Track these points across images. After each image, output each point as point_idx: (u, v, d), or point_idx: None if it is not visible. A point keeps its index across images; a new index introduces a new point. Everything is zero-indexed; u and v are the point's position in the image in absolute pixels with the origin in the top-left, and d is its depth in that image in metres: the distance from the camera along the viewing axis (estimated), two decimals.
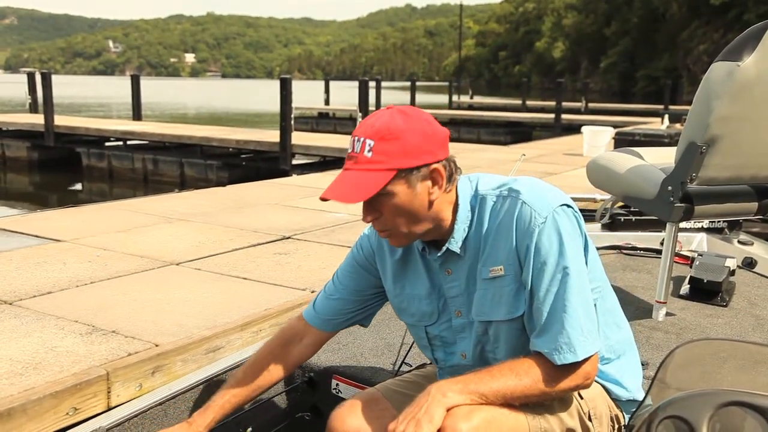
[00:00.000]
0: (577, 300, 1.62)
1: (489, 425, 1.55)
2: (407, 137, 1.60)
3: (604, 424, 1.77)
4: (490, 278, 1.69)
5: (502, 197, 1.69)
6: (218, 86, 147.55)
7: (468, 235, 1.72)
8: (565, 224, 1.63)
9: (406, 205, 1.62)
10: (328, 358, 2.48)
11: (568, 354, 1.59)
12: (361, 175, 1.59)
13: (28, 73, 22.36)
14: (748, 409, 1.32)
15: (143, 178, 16.07)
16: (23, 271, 4.66)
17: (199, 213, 6.83)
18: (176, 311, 3.88)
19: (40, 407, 2.88)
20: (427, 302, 1.82)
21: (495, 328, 1.72)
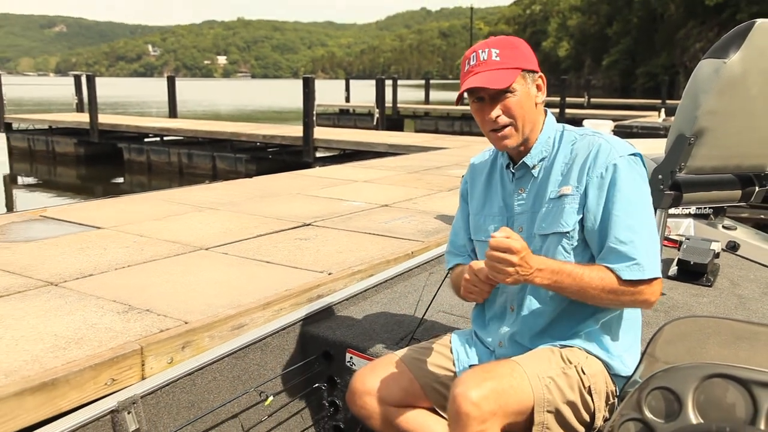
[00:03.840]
0: (646, 229, 1.71)
1: (497, 394, 1.57)
2: (522, 48, 1.80)
3: (602, 399, 1.78)
4: (558, 197, 1.79)
5: (584, 135, 1.84)
6: (248, 86, 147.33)
7: (545, 159, 1.84)
8: (638, 168, 1.76)
9: (524, 101, 1.77)
10: (343, 333, 2.49)
11: (636, 271, 1.68)
12: (496, 72, 1.73)
13: (75, 76, 22.46)
14: (730, 380, 1.32)
15: (178, 171, 16.13)
16: (68, 255, 4.70)
17: (228, 202, 6.84)
18: (204, 292, 3.90)
19: (82, 378, 2.91)
20: (498, 218, 1.92)
21: (548, 242, 1.80)
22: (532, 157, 1.84)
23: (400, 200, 6.98)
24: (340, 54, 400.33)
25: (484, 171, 2.00)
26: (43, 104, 40.00)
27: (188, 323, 3.41)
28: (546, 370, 1.70)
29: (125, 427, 1.93)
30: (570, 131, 1.86)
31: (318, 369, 2.47)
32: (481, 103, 1.77)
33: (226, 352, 2.29)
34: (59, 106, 31.04)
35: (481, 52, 1.76)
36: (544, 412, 1.66)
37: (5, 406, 2.69)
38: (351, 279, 4.19)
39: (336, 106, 32.39)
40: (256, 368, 2.37)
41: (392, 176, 8.89)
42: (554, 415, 1.68)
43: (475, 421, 1.54)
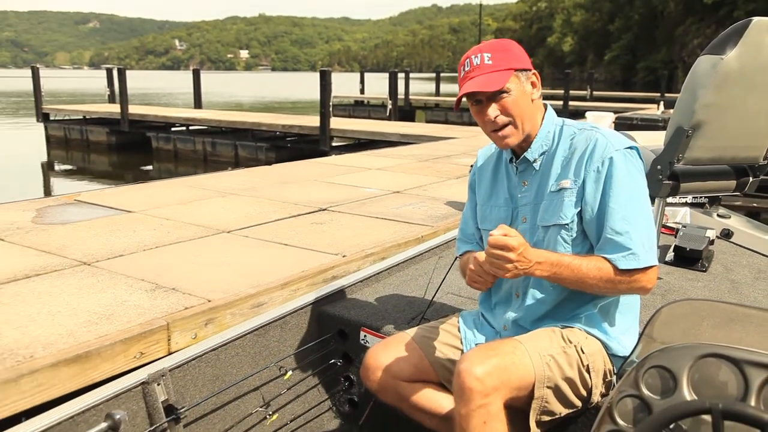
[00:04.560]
0: (642, 220, 1.71)
1: (500, 370, 1.58)
2: (513, 50, 1.78)
3: (600, 377, 1.78)
4: (557, 190, 1.79)
5: (582, 129, 1.82)
6: (268, 78, 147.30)
7: (546, 153, 1.83)
8: (634, 160, 1.75)
9: (520, 99, 1.76)
10: (357, 313, 2.49)
11: (632, 261, 1.68)
12: (489, 75, 1.73)
13: (107, 69, 22.50)
14: (723, 360, 1.32)
15: (203, 159, 16.18)
16: (100, 237, 4.73)
17: (249, 188, 6.86)
18: (226, 272, 3.91)
19: (112, 351, 2.94)
20: (504, 209, 1.92)
21: (549, 233, 1.80)
22: (533, 152, 1.83)
23: (412, 187, 6.97)
24: (355, 48, 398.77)
25: (491, 163, 2.00)
26: (77, 95, 40.20)
27: (211, 301, 3.43)
28: (547, 349, 1.70)
29: (155, 398, 1.95)
30: (569, 126, 1.84)
31: (334, 346, 2.48)
32: (480, 106, 1.76)
33: (248, 329, 2.30)
34: (92, 98, 31.18)
35: (473, 57, 1.76)
36: (544, 387, 1.67)
37: (42, 376, 2.72)
38: (364, 261, 4.19)
39: (351, 97, 32.29)
40: (275, 345, 2.39)
41: (404, 164, 8.87)
42: (553, 390, 1.69)
43: (478, 395, 1.54)
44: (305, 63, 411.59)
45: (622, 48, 78.26)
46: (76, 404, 1.79)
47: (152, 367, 2.00)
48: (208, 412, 2.13)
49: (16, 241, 4.60)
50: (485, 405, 1.54)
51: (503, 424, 1.58)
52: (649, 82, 59.33)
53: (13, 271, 3.90)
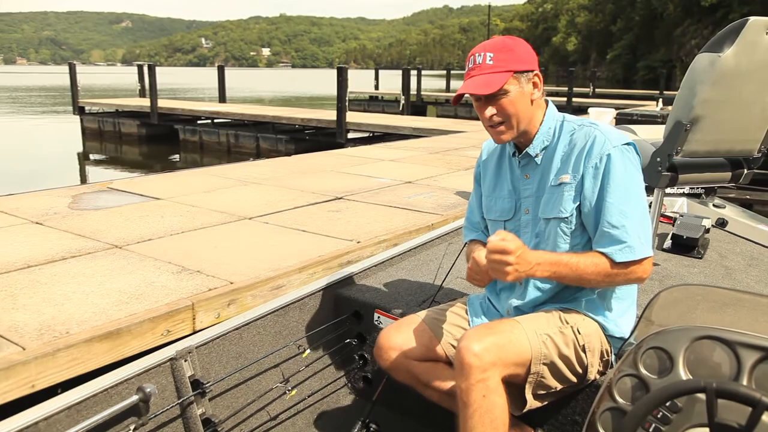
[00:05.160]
0: (638, 214, 1.69)
1: (497, 347, 1.58)
2: (517, 51, 1.72)
3: (596, 356, 1.78)
4: (557, 185, 1.77)
5: (582, 126, 1.79)
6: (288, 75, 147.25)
7: (547, 148, 1.81)
8: (630, 156, 1.72)
9: (516, 101, 1.72)
10: (372, 295, 2.49)
11: (628, 253, 1.67)
12: (487, 77, 1.69)
13: (138, 66, 22.56)
14: (717, 342, 1.32)
15: (227, 150, 16.21)
16: (130, 222, 4.76)
17: (269, 178, 6.86)
18: (248, 256, 3.92)
19: (141, 328, 2.96)
20: (507, 200, 1.90)
21: (550, 225, 1.79)
22: (534, 147, 1.81)
23: (423, 178, 6.94)
24: (370, 46, 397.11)
25: (495, 156, 1.98)
26: (110, 90, 40.38)
27: (233, 283, 3.44)
28: (544, 328, 1.70)
29: (182, 373, 1.96)
30: (569, 122, 1.81)
31: (349, 326, 2.48)
32: (480, 102, 1.74)
33: (269, 310, 2.31)
34: (125, 92, 31.31)
35: (477, 55, 1.73)
36: (540, 363, 1.67)
37: (77, 350, 2.74)
38: (377, 247, 4.19)
39: (366, 93, 32.22)
40: (294, 325, 2.39)
41: (416, 156, 8.84)
42: (549, 366, 1.69)
43: (476, 370, 1.55)
44: (323, 60, 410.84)
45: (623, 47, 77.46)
46: (111, 377, 1.81)
47: (180, 344, 2.02)
48: (231, 387, 2.14)
49: (54, 225, 4.63)
50: (484, 380, 1.55)
51: (501, 398, 1.58)
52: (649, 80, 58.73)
53: (51, 253, 3.93)
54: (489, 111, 1.72)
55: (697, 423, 1.26)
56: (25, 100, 38.94)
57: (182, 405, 1.96)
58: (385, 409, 2.16)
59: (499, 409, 1.57)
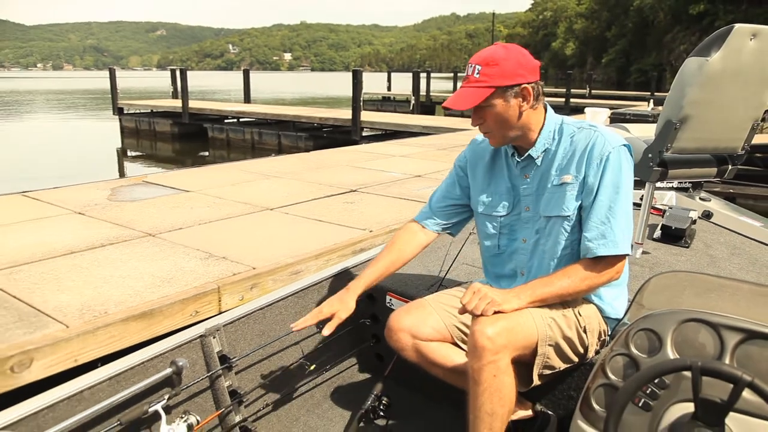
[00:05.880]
0: (623, 212, 1.66)
1: (508, 331, 1.57)
2: (504, 64, 1.64)
3: (595, 336, 1.77)
4: (559, 184, 1.73)
5: (581, 128, 1.75)
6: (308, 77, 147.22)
7: (547, 150, 1.76)
8: (627, 157, 1.69)
9: (502, 114, 1.68)
10: (384, 280, 2.49)
11: (611, 247, 1.65)
12: (470, 91, 1.66)
13: (171, 70, 22.62)
14: (702, 324, 1.32)
15: (251, 146, 16.23)
16: (163, 212, 4.78)
17: (289, 172, 6.87)
18: (269, 244, 3.93)
19: (172, 309, 2.98)
20: (506, 197, 1.86)
21: (551, 223, 1.76)
22: (536, 150, 1.76)
23: (431, 172, 6.92)
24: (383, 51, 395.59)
25: (487, 152, 1.92)
26: (146, 92, 40.53)
27: (256, 269, 3.44)
28: (549, 312, 1.69)
29: (211, 349, 1.97)
30: (569, 125, 1.77)
31: (363, 308, 2.47)
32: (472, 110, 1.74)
33: (290, 292, 2.31)
34: (159, 94, 31.42)
35: (470, 66, 1.68)
36: (546, 345, 1.66)
37: (115, 329, 2.77)
38: (388, 236, 4.18)
39: (379, 94, 32.07)
40: (313, 306, 2.39)
41: (425, 152, 8.81)
42: (554, 348, 1.68)
43: (489, 353, 1.53)
44: (340, 64, 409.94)
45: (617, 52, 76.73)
46: (147, 352, 1.82)
47: (208, 323, 2.03)
48: (255, 362, 2.15)
49: (94, 215, 4.66)
50: (495, 361, 1.54)
51: (510, 377, 1.57)
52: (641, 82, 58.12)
53: (91, 240, 3.96)
54: (474, 120, 1.73)
55: (682, 398, 1.27)
56: (71, 102, 39.22)
57: (211, 377, 1.97)
58: (395, 384, 2.16)
59: (508, 387, 1.56)
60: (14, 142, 18.78)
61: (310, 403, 2.29)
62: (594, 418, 1.37)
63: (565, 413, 1.88)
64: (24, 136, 20.20)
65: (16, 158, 15.19)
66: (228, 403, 1.98)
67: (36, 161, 14.69)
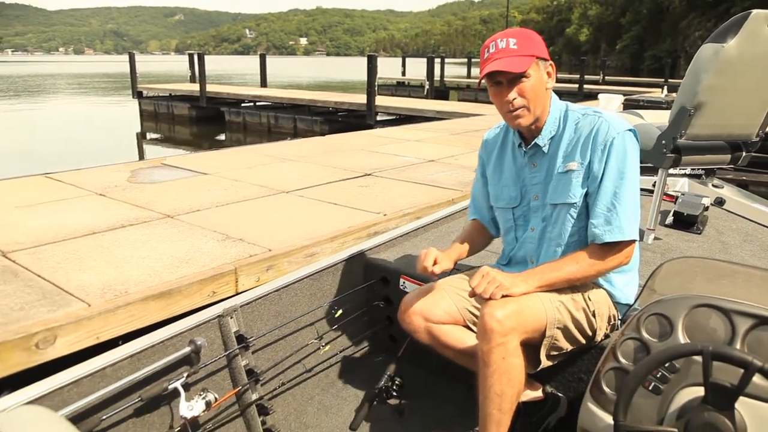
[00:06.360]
0: (630, 197, 1.64)
1: (517, 314, 1.57)
2: (536, 39, 1.67)
3: (604, 321, 1.76)
4: (565, 171, 1.72)
5: (586, 115, 1.73)
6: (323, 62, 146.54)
7: (554, 138, 1.75)
8: (632, 142, 1.66)
9: (536, 86, 1.67)
10: (398, 263, 2.48)
11: (617, 233, 1.63)
12: (514, 58, 1.62)
13: (189, 55, 22.60)
14: (713, 309, 1.31)
15: (267, 130, 16.22)
16: (181, 194, 4.80)
17: (305, 155, 6.86)
18: (285, 226, 3.93)
19: (190, 290, 3.00)
20: (513, 188, 1.85)
21: (558, 210, 1.74)
22: (543, 138, 1.75)
23: (445, 156, 6.89)
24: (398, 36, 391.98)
25: (496, 145, 1.92)
26: (165, 76, 40.58)
27: (272, 250, 3.46)
28: (558, 296, 1.68)
29: (229, 329, 1.99)
30: (573, 111, 1.75)
31: (377, 290, 2.48)
32: (499, 87, 1.67)
33: (305, 274, 2.32)
34: (177, 78, 31.44)
35: (499, 41, 1.65)
36: (554, 328, 1.66)
37: (135, 308, 2.80)
38: (402, 220, 4.18)
39: (394, 79, 31.87)
40: (328, 288, 2.40)
41: (438, 137, 8.77)
42: (562, 330, 1.68)
43: (498, 335, 1.54)
44: (355, 49, 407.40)
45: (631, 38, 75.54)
46: (166, 331, 1.84)
47: (226, 303, 2.04)
48: (271, 342, 2.17)
49: (115, 196, 4.70)
50: (504, 343, 1.54)
51: (519, 359, 1.57)
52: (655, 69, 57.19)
53: (112, 221, 4.00)
54: (511, 95, 1.66)
55: (692, 383, 1.26)
56: (92, 86, 39.40)
57: (228, 356, 1.99)
58: (408, 365, 2.17)
59: (517, 369, 1.56)
60: (38, 124, 18.93)
61: (325, 382, 2.31)
62: (604, 401, 1.37)
63: (575, 395, 1.88)
64: (47, 119, 20.35)
65: (39, 140, 15.32)
66: (245, 382, 2.00)
67: (58, 143, 14.81)
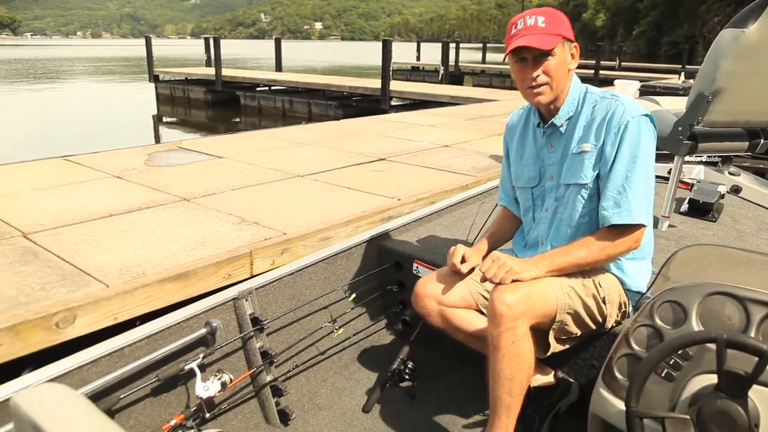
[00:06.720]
0: (641, 182, 1.62)
1: (527, 299, 1.57)
2: (564, 20, 1.66)
3: (615, 308, 1.76)
4: (579, 152, 1.71)
5: (603, 97, 1.72)
6: (338, 47, 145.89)
7: (571, 118, 1.74)
8: (647, 127, 1.65)
9: (560, 65, 1.66)
10: (411, 248, 2.48)
11: (626, 216, 1.62)
12: (541, 36, 1.61)
13: (205, 39, 22.61)
14: (728, 297, 1.30)
15: (282, 114, 16.21)
16: (197, 177, 4.82)
17: (319, 140, 6.86)
18: (299, 210, 3.93)
19: (206, 272, 3.02)
20: (532, 168, 1.85)
21: (570, 190, 1.74)
22: (560, 117, 1.74)
23: (459, 142, 6.85)
24: (413, 21, 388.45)
25: (518, 128, 1.92)
26: (180, 60, 40.63)
27: (286, 234, 3.46)
28: (568, 281, 1.67)
29: (244, 311, 2.00)
30: (592, 93, 1.74)
31: (390, 275, 2.48)
32: (523, 64, 1.66)
33: (319, 258, 2.32)
34: (193, 62, 31.45)
35: (528, 18, 1.64)
36: (564, 313, 1.65)
37: (152, 289, 2.82)
38: (416, 204, 4.17)
39: (408, 63, 31.64)
40: (342, 272, 2.40)
41: (453, 122, 8.71)
42: (572, 316, 1.67)
43: (507, 319, 1.54)
44: (370, 34, 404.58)
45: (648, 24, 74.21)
46: (183, 312, 1.85)
47: (241, 286, 2.05)
48: (286, 324, 2.18)
49: (132, 179, 4.73)
50: (513, 327, 1.54)
51: (529, 343, 1.57)
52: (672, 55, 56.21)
53: (129, 204, 4.02)
54: (535, 72, 1.65)
55: (705, 370, 1.25)
56: (109, 70, 39.57)
57: (243, 338, 2.01)
58: (421, 349, 2.18)
59: (526, 353, 1.56)
60: (56, 107, 19.07)
61: (338, 365, 2.32)
62: (616, 387, 1.37)
63: (587, 381, 1.87)
64: (65, 102, 20.49)
65: (58, 122, 15.44)
66: (259, 363, 2.01)
67: (76, 126, 14.91)
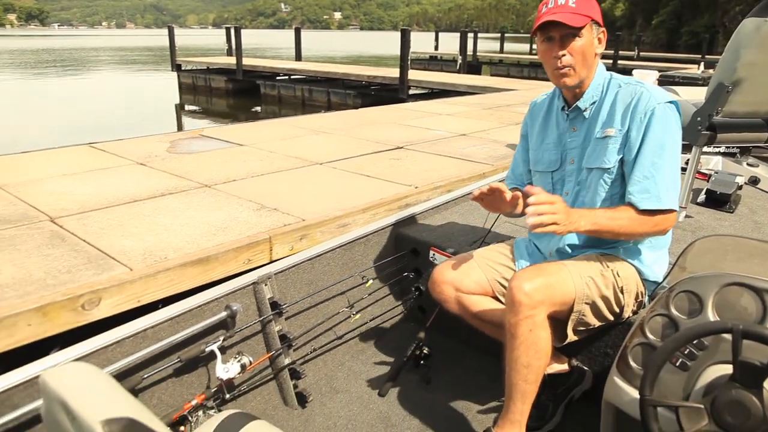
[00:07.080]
0: (669, 168, 1.61)
1: (545, 287, 1.56)
2: (594, 2, 1.65)
3: (632, 297, 1.74)
4: (602, 137, 1.69)
5: (629, 83, 1.70)
6: (357, 36, 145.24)
7: (595, 103, 1.73)
8: (673, 114, 1.63)
9: (586, 47, 1.64)
10: (428, 235, 2.48)
11: (655, 202, 1.60)
12: (572, 14, 1.60)
13: (226, 28, 22.65)
14: (745, 288, 1.28)
15: (302, 103, 16.22)
16: (218, 164, 4.85)
17: (338, 128, 6.85)
18: (318, 197, 3.94)
19: (226, 257, 3.04)
20: (554, 152, 1.83)
21: (592, 175, 1.72)
22: (584, 101, 1.72)
23: (476, 131, 6.80)
24: (431, 11, 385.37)
25: (542, 111, 1.90)
26: (202, 50, 40.76)
27: (305, 220, 3.47)
28: (587, 271, 1.66)
29: (263, 295, 2.02)
30: (616, 79, 1.72)
31: (407, 261, 2.48)
32: (551, 43, 1.64)
33: (338, 244, 2.33)
34: (214, 52, 31.53)
35: None
36: (582, 303, 1.64)
37: (174, 273, 2.85)
38: (433, 192, 4.15)
39: (427, 53, 31.42)
40: (359, 258, 2.41)
41: (470, 111, 8.65)
42: (590, 306, 1.66)
43: (525, 308, 1.53)
44: (388, 23, 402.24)
45: (668, 13, 72.81)
46: (204, 296, 1.87)
47: (261, 271, 2.07)
48: (304, 309, 2.19)
49: (155, 166, 4.78)
50: (531, 316, 1.53)
51: (546, 332, 1.56)
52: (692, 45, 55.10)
53: (152, 190, 4.06)
54: (561, 52, 1.63)
55: (720, 360, 1.23)
56: (133, 59, 39.87)
57: (263, 322, 2.02)
58: (436, 335, 2.18)
59: (543, 342, 1.55)
60: (82, 96, 19.27)
61: (355, 349, 2.33)
62: (630, 375, 1.36)
63: (601, 369, 1.86)
64: (90, 91, 20.70)
65: (83, 110, 15.61)
66: (278, 347, 2.03)
67: (101, 114, 15.07)
